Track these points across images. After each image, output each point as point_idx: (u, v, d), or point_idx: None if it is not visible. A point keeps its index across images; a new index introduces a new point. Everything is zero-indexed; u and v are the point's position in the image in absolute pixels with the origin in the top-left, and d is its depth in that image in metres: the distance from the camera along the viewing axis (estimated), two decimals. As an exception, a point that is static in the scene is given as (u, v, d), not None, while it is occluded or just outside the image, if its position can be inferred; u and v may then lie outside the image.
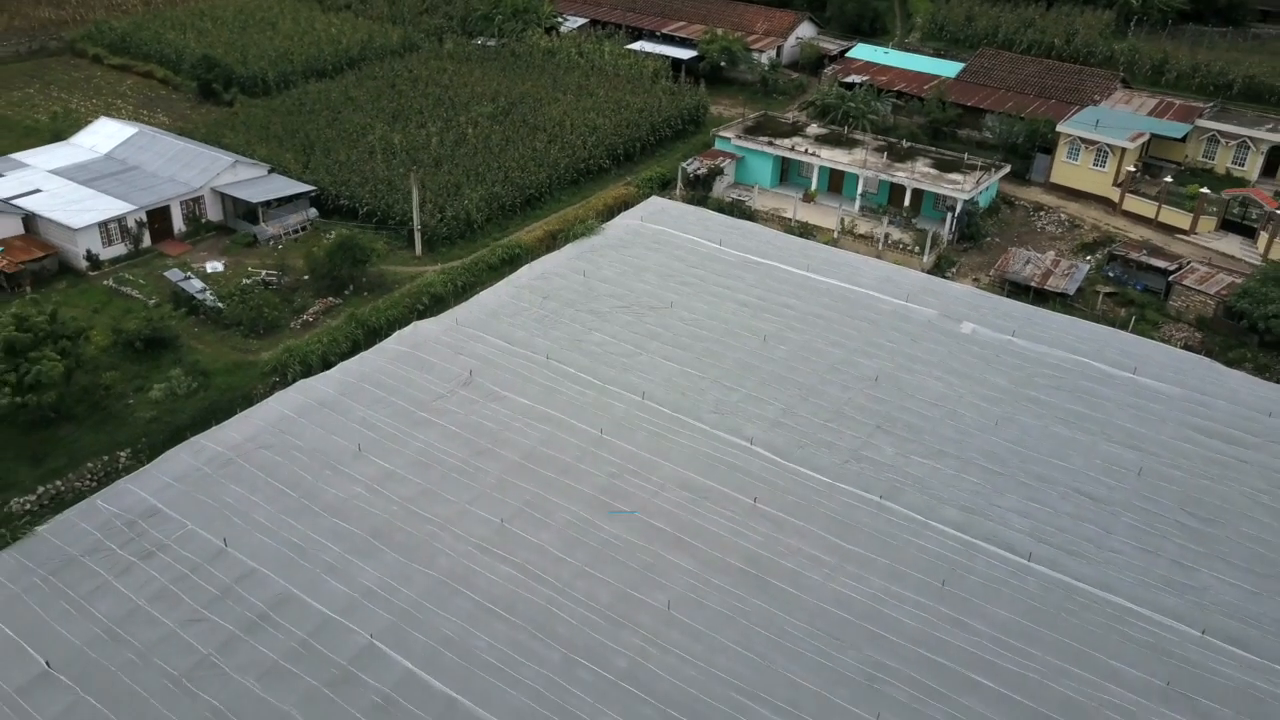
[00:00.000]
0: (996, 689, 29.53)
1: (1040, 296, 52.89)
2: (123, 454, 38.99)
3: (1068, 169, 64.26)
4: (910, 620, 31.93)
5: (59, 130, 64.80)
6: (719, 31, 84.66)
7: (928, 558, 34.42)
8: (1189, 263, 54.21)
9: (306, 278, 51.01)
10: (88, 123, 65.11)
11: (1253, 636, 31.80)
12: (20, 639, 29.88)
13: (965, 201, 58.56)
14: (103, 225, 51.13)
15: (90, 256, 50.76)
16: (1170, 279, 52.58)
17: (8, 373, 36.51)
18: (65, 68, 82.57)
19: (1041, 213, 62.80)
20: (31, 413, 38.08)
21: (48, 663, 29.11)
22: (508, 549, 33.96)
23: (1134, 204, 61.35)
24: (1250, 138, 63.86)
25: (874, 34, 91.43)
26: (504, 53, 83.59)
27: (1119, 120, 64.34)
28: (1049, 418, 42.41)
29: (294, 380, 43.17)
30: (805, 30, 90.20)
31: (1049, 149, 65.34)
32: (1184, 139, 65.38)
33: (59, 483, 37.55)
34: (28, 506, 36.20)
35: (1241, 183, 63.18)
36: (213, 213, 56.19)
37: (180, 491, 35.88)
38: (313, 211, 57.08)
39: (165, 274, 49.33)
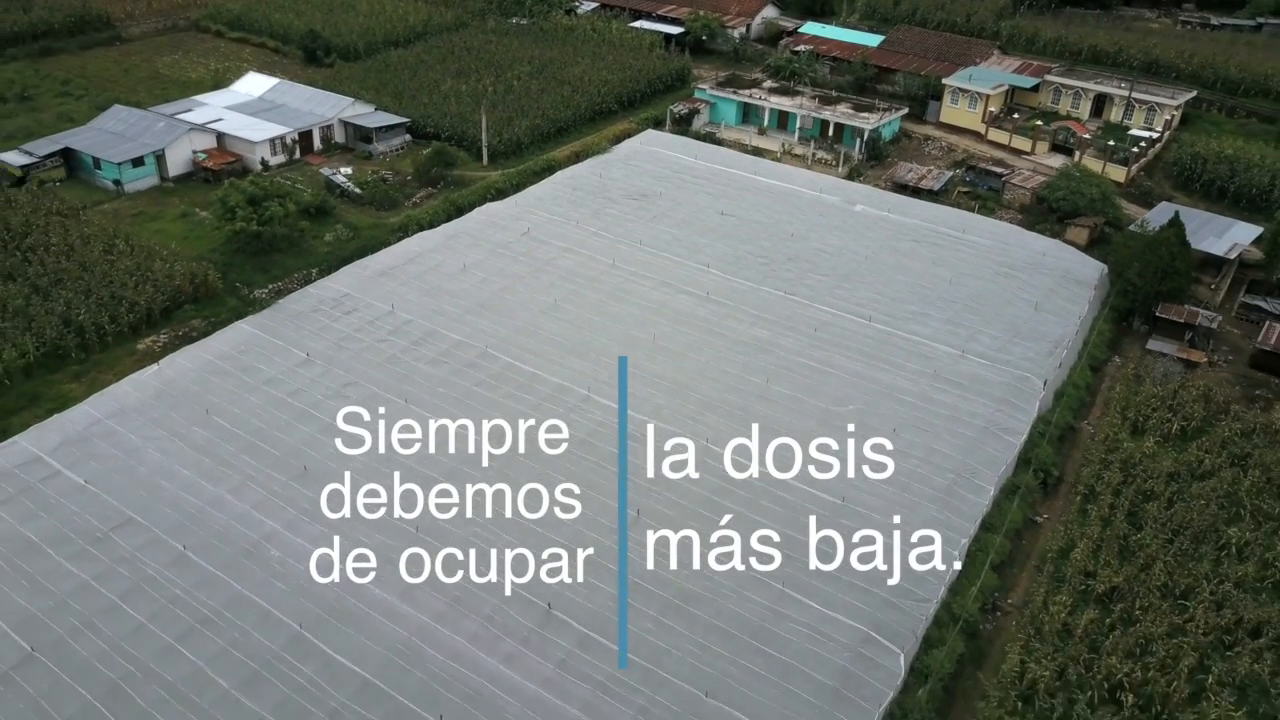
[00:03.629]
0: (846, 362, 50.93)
1: (917, 193, 73.70)
2: (314, 270, 59.81)
3: (951, 111, 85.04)
4: (795, 345, 53.09)
5: (217, 82, 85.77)
6: (700, 12, 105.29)
7: (810, 318, 55.57)
8: (1017, 169, 75.21)
9: (409, 177, 71.97)
10: (237, 77, 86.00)
11: (989, 353, 52.95)
12: (286, 344, 51.12)
13: (870, 131, 79.39)
14: (271, 141, 72.07)
15: (263, 162, 71.67)
16: (1004, 180, 73.52)
17: (253, 212, 57.65)
18: (196, 40, 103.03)
19: (930, 141, 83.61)
20: (262, 243, 59.14)
21: (308, 354, 50.36)
22: (560, 315, 55.08)
23: (995, 134, 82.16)
24: (1081, 88, 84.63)
25: (824, 15, 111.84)
26: (534, 29, 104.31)
27: (987, 76, 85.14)
28: (902, 255, 63.48)
29: (414, 233, 64.28)
30: (769, 12, 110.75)
31: (939, 97, 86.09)
32: (1036, 89, 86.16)
33: (278, 284, 58.49)
34: (264, 294, 57.21)
35: (1077, 121, 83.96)
36: (339, 136, 77.10)
37: (358, 286, 57.00)
38: (407, 136, 77.91)
39: (321, 170, 70.39)
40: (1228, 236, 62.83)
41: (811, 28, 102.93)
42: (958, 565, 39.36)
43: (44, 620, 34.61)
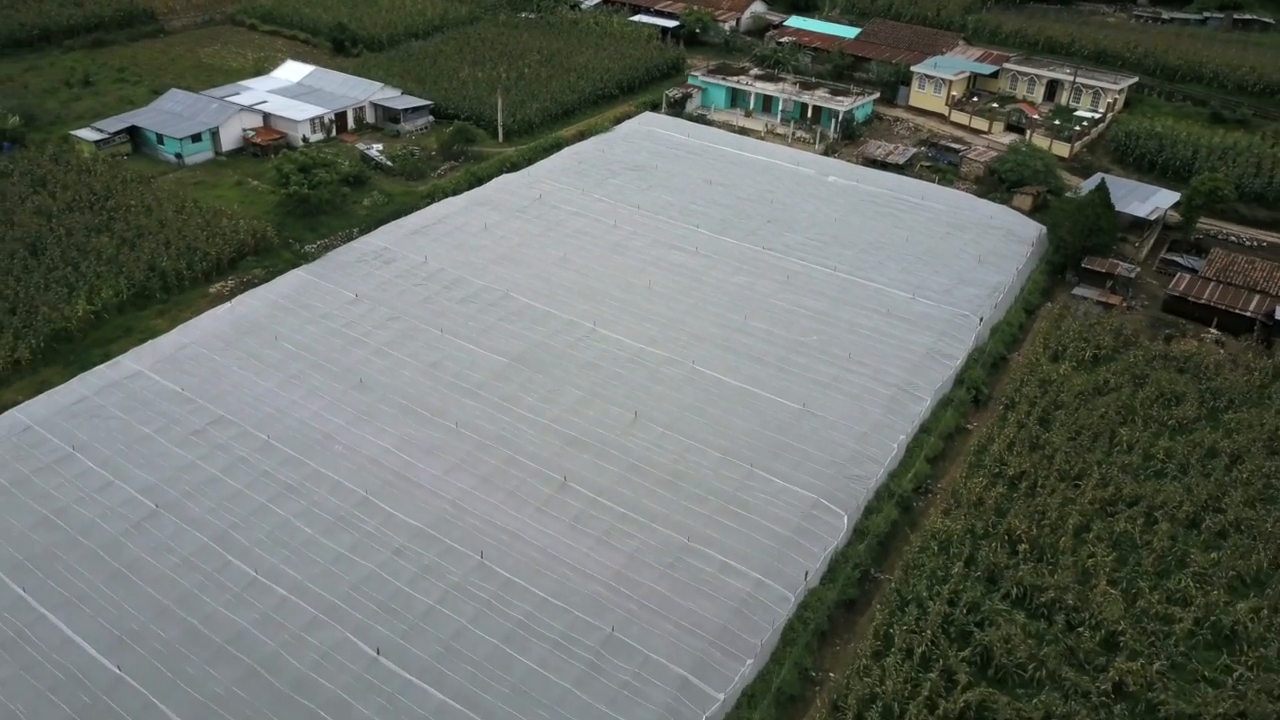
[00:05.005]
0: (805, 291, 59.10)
1: (885, 167, 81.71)
2: (355, 229, 67.89)
3: (918, 95, 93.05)
4: (769, 290, 61.20)
5: (257, 69, 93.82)
6: (695, 7, 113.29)
7: (783, 269, 63.65)
8: (974, 146, 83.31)
9: (434, 152, 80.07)
10: (274, 66, 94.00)
11: (936, 296, 61.05)
12: (337, 286, 59.24)
13: (845, 113, 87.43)
14: (311, 120, 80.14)
15: (304, 138, 79.73)
16: (961, 155, 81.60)
17: (303, 178, 65.80)
18: (233, 33, 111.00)
19: (899, 122, 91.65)
20: (310, 206, 67.21)
21: (356, 295, 58.50)
22: (569, 265, 63.19)
23: (957, 116, 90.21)
24: (1035, 75, 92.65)
25: (808, 10, 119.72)
26: (542, 23, 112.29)
27: (951, 64, 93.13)
28: (867, 218, 71.55)
29: (440, 199, 72.35)
30: (758, 7, 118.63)
31: (908, 83, 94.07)
32: (995, 76, 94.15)
33: (325, 241, 66.53)
34: (314, 249, 65.29)
35: (1029, 104, 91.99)
36: (370, 117, 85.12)
37: (395, 241, 65.10)
38: (430, 117, 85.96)
39: (357, 145, 78.48)
40: (1150, 201, 70.92)
41: (796, 21, 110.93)
42: (896, 453, 47.59)
43: (162, 487, 42.85)
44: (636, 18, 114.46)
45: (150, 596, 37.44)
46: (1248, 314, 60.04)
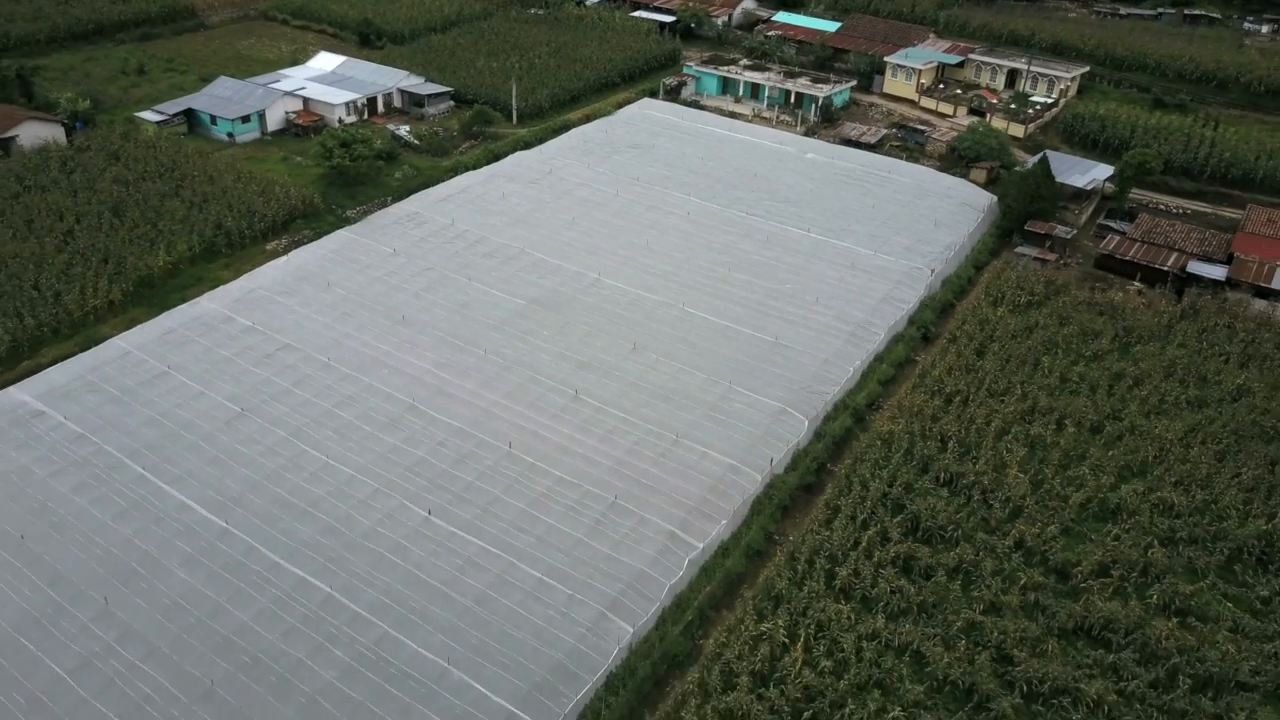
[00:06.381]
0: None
1: (859, 146, 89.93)
2: (389, 198, 76.21)
3: (892, 83, 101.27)
4: (751, 248, 69.54)
5: (293, 60, 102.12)
6: (690, 4, 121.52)
7: (764, 231, 71.94)
8: (938, 127, 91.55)
9: (456, 132, 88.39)
10: (307, 57, 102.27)
11: (895, 253, 69.36)
12: (377, 243, 67.63)
13: (824, 99, 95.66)
14: (346, 104, 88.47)
15: (340, 120, 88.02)
16: (926, 135, 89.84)
17: (345, 152, 74.24)
18: (266, 27, 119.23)
19: (874, 107, 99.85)
20: (349, 177, 75.59)
21: (394, 250, 66.89)
22: (576, 227, 71.55)
23: (926, 102, 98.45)
24: (996, 64, 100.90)
25: (795, 6, 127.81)
26: (550, 18, 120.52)
27: (921, 55, 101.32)
28: (839, 189, 79.81)
29: (462, 173, 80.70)
30: (748, 3, 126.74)
31: (882, 72, 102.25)
32: (961, 65, 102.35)
33: (363, 207, 74.89)
34: (354, 213, 73.63)
35: (990, 90, 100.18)
36: (397, 102, 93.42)
37: (424, 207, 73.44)
38: (451, 102, 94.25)
39: (387, 126, 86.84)
40: (1088, 174, 79.21)
41: (783, 16, 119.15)
42: (852, 376, 56.00)
43: (244, 396, 51.32)
44: (637, 13, 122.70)
45: (244, 474, 45.94)
46: (1165, 268, 68.33)
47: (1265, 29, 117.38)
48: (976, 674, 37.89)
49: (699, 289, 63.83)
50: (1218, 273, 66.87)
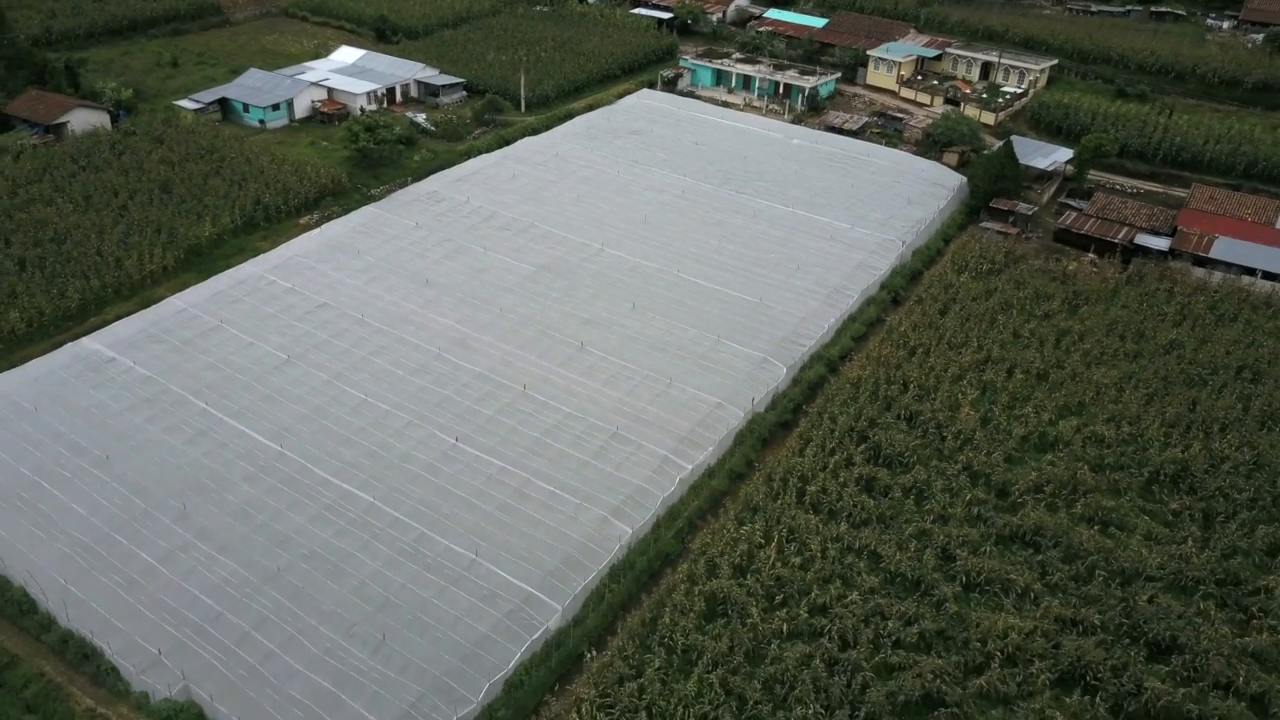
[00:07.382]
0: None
1: (842, 133, 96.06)
2: (409, 178, 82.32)
3: (874, 75, 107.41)
4: (740, 223, 75.72)
5: (316, 53, 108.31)
6: (687, 2, 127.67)
7: (751, 207, 78.09)
8: (915, 115, 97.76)
9: (469, 119, 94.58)
10: (329, 51, 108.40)
11: (870, 227, 75.59)
12: (400, 218, 73.84)
13: (810, 89, 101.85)
14: (367, 93, 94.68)
15: (362, 109, 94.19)
16: (904, 123, 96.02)
17: (370, 136, 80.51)
18: (287, 24, 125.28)
19: (857, 98, 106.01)
20: (373, 159, 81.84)
21: (416, 223, 73.11)
22: (581, 204, 77.81)
23: (906, 93, 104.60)
24: (971, 58, 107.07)
25: (785, 3, 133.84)
26: (555, 15, 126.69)
27: (901, 49, 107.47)
28: (821, 171, 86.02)
29: (476, 156, 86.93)
30: (742, 1, 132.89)
31: (865, 65, 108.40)
32: (939, 59, 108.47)
33: (386, 186, 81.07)
34: (378, 192, 79.82)
35: (964, 81, 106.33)
36: (414, 92, 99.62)
37: (442, 187, 79.69)
38: (464, 92, 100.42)
39: (406, 114, 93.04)
40: (1050, 157, 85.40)
41: (774, 13, 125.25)
42: (827, 332, 62.26)
43: (289, 345, 57.64)
44: (636, 10, 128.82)
45: (293, 409, 52.28)
46: (1116, 241, 74.56)
47: (1226, 25, 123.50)
48: (923, 569, 44.19)
49: (692, 258, 70.03)
50: (1162, 244, 73.07)
